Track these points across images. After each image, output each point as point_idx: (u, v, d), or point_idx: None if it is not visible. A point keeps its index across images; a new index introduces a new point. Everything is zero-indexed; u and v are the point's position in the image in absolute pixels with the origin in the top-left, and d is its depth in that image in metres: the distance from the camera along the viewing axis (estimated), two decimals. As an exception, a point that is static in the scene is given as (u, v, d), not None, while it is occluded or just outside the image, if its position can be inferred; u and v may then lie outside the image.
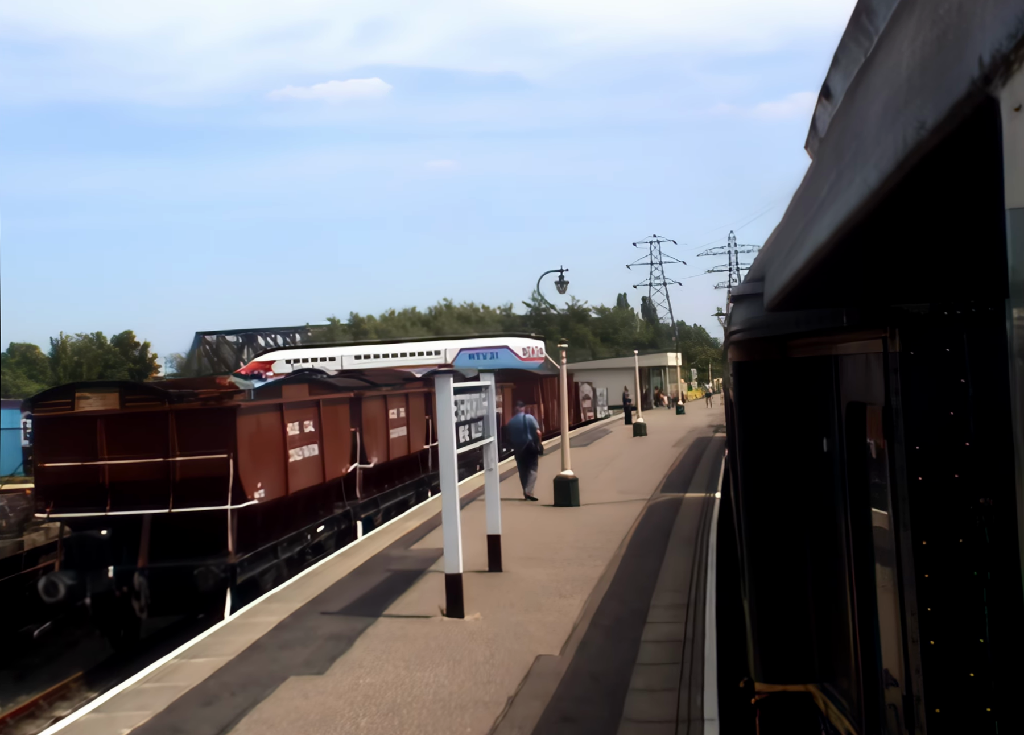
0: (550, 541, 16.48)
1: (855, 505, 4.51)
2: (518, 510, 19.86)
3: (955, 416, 3.54)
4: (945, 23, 1.23)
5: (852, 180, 1.68)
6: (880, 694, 4.30)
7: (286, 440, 17.20)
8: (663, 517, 18.68)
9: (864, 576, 4.45)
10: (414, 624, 11.47)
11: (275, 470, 16.82)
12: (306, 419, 18.29)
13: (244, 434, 15.67)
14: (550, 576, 13.66)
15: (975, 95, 1.14)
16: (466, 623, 11.38)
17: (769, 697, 5.56)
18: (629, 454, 33.21)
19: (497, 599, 12.42)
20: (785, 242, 3.07)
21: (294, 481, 17.51)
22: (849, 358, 4.48)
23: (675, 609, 11.68)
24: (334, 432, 19.76)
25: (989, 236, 1.96)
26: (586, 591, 12.72)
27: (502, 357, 53.89)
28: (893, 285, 3.24)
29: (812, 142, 2.72)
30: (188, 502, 15.26)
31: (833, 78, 2.11)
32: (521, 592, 12.81)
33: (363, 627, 11.44)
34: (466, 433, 12.79)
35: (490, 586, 13.14)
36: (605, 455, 32.73)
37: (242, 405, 15.90)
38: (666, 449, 34.02)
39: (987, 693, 3.49)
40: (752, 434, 5.77)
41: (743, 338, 5.70)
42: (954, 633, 3.53)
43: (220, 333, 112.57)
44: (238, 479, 15.33)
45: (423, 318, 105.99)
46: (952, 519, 3.54)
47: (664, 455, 31.65)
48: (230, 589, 15.10)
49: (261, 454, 16.26)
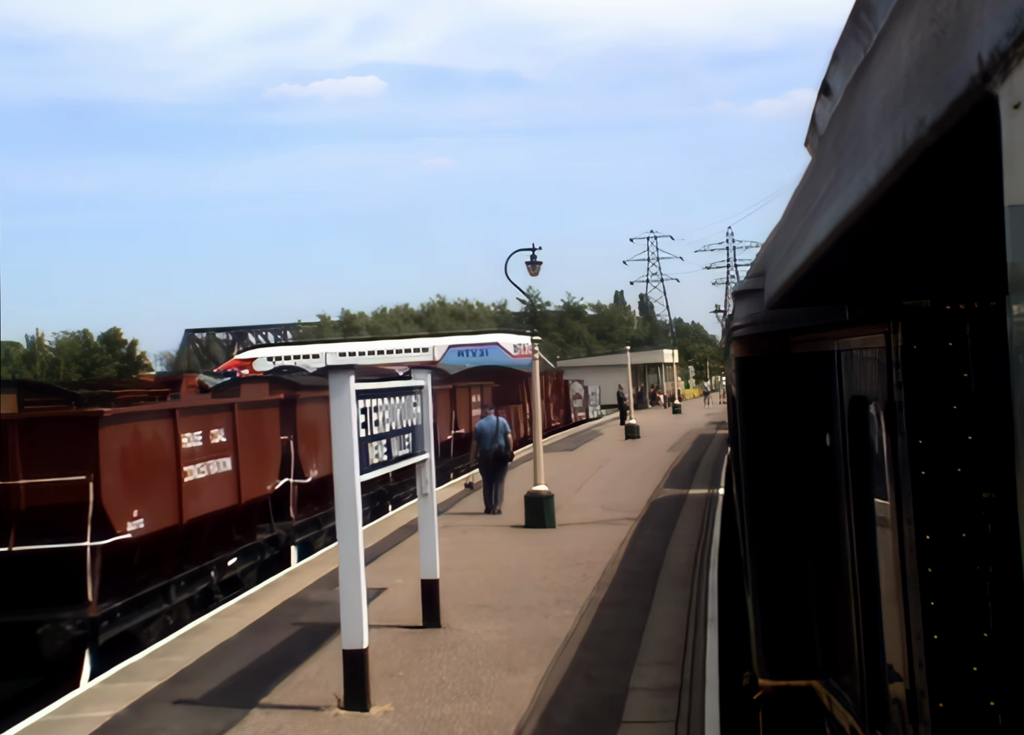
0: (511, 578, 13.44)
1: (858, 500, 4.51)
2: (480, 533, 17.19)
3: (958, 410, 3.54)
4: (944, 21, 1.23)
5: (852, 177, 1.68)
6: (883, 689, 4.31)
7: (180, 454, 13.91)
8: (653, 543, 15.69)
9: (867, 571, 4.46)
10: (298, 721, 8.38)
11: (162, 493, 13.55)
12: (213, 427, 14.99)
13: (111, 449, 12.42)
14: (502, 634, 10.67)
15: (974, 92, 1.14)
16: (369, 720, 8.35)
17: (772, 692, 5.56)
18: (619, 460, 30.24)
19: (423, 675, 9.41)
20: (785, 239, 3.07)
21: (192, 505, 14.19)
22: (851, 353, 4.48)
23: (662, 696, 8.70)
24: (255, 442, 16.35)
25: (989, 232, 1.96)
26: (545, 660, 9.69)
27: (492, 354, 53.28)
28: (892, 282, 3.24)
29: (812, 139, 2.72)
30: (35, 538, 11.95)
31: (833, 75, 2.11)
32: (459, 662, 9.80)
33: (223, 729, 8.31)
34: (382, 450, 9.63)
35: (419, 651, 10.18)
36: (592, 461, 29.74)
37: (106, 412, 12.52)
38: (660, 454, 31.11)
39: (990, 687, 3.50)
40: (755, 429, 5.77)
41: (745, 333, 5.70)
42: (957, 627, 3.53)
43: (210, 330, 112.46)
44: (101, 507, 12.08)
45: (415, 315, 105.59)
46: (955, 513, 3.54)
47: (658, 461, 28.87)
48: (90, 650, 11.93)
49: (139, 474, 13.03)
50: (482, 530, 17.55)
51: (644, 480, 24.13)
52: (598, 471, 26.92)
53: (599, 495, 21.67)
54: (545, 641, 10.30)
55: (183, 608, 14.08)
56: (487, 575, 13.63)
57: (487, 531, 17.45)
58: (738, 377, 5.98)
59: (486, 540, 16.55)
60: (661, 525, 17.39)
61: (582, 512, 19.14)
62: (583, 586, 12.76)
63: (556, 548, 15.51)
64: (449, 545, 15.10)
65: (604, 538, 16.16)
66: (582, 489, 22.79)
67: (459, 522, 18.41)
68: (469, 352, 53.70)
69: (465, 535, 16.90)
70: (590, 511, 19.28)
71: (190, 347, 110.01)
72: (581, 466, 28.23)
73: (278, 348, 56.68)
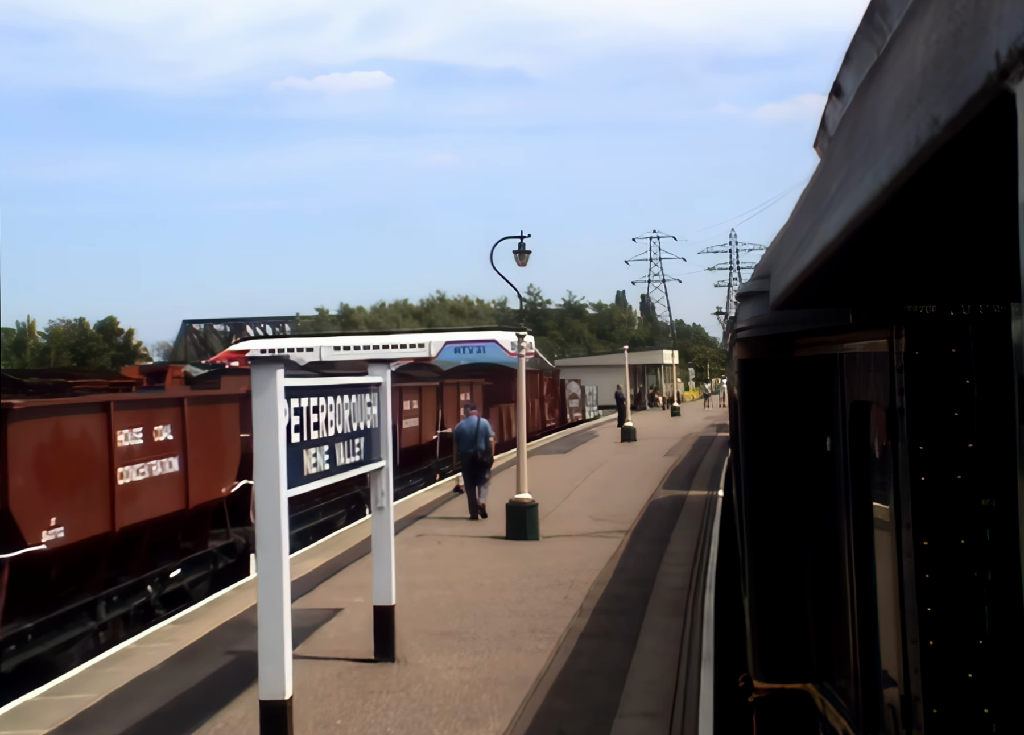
0: (483, 600, 12.04)
1: (857, 504, 4.51)
2: (456, 545, 15.91)
3: (959, 417, 3.54)
4: (961, 18, 1.23)
5: (862, 177, 1.68)
6: (878, 694, 4.31)
7: (113, 454, 12.39)
8: (644, 561, 14.25)
9: (864, 575, 4.46)
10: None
11: (89, 498, 12.07)
12: (157, 424, 13.45)
13: (23, 447, 10.94)
14: (464, 671, 9.27)
15: (991, 90, 1.14)
16: None
17: (767, 695, 5.56)
18: (613, 464, 28.76)
19: (364, 725, 7.95)
20: (792, 240, 3.06)
21: (128, 511, 12.62)
22: (855, 357, 4.48)
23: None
24: (209, 440, 14.74)
25: (999, 235, 1.96)
26: (511, 708, 8.25)
27: (490, 352, 52.04)
28: (899, 285, 3.24)
29: (821, 140, 2.72)
30: None
31: (845, 76, 2.11)
32: (409, 708, 8.31)
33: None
34: (322, 458, 8.20)
35: (365, 693, 8.75)
36: (585, 465, 28.35)
37: (16, 405, 10.89)
38: (657, 459, 29.65)
39: (985, 694, 3.50)
40: (756, 432, 5.77)
41: (749, 336, 5.70)
42: (953, 634, 3.53)
43: (208, 322, 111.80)
44: (8, 514, 10.65)
45: (415, 310, 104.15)
46: (954, 520, 3.54)
47: (654, 466, 27.49)
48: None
49: (59, 476, 11.52)
50: (459, 541, 16.18)
51: (638, 487, 22.66)
52: (590, 476, 25.53)
53: (589, 503, 20.35)
54: (513, 682, 8.93)
55: (117, 626, 12.59)
56: (457, 595, 12.35)
57: (464, 542, 16.07)
58: (740, 379, 5.98)
59: (462, 553, 15.27)
60: (654, 539, 16.04)
61: (569, 522, 17.79)
62: (563, 612, 11.43)
63: (537, 564, 14.18)
64: (421, 558, 14.56)
65: (591, 553, 14.81)
66: (571, 496, 21.48)
67: (436, 530, 17.46)
68: (466, 349, 52.69)
69: (440, 546, 15.84)
70: (578, 521, 17.95)
71: (187, 338, 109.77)
72: (573, 470, 26.93)
73: (271, 341, 55.79)
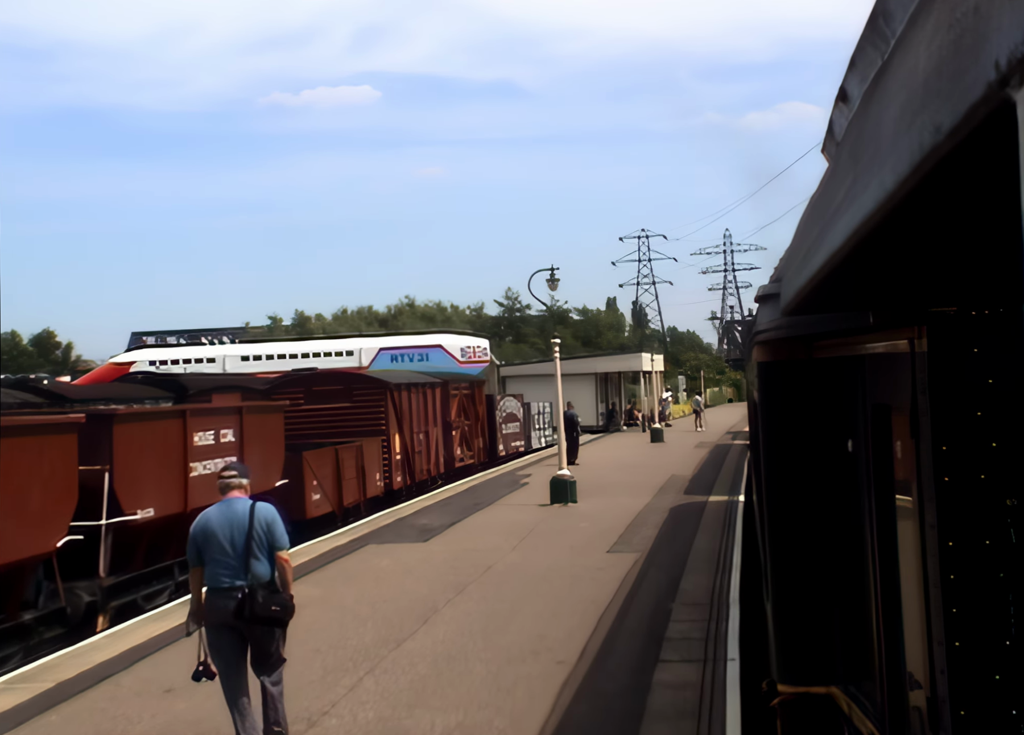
0: None
1: (880, 505, 4.49)
2: None
3: (982, 416, 3.52)
4: (962, 26, 1.23)
5: (869, 184, 1.67)
6: (904, 696, 4.28)
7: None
8: None
9: (888, 577, 4.43)
10: None
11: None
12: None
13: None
14: None
15: (992, 98, 1.14)
16: None
17: (791, 699, 5.54)
18: (512, 568, 13.50)
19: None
20: (802, 245, 3.06)
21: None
22: (876, 358, 4.46)
23: None
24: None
25: (1008, 238, 1.95)
26: None
27: (434, 359, 41.74)
28: (915, 287, 3.23)
29: (829, 146, 2.71)
30: None
31: (850, 81, 2.11)
32: None
33: None
34: None
35: None
36: (445, 577, 12.97)
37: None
38: (597, 555, 14.11)
39: (1013, 696, 3.47)
40: (777, 435, 5.75)
41: (769, 338, 5.68)
42: (980, 635, 3.51)
43: (159, 333, 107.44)
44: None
45: (381, 317, 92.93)
46: (978, 520, 3.52)
47: (596, 573, 12.85)
48: None
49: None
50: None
51: (517, 664, 8.94)
52: (427, 624, 10.53)
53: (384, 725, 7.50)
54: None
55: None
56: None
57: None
58: (760, 382, 5.97)
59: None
60: None
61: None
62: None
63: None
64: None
65: None
66: (339, 704, 8.03)
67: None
68: (405, 356, 43.30)
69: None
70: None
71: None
72: (409, 597, 11.91)
73: (166, 350, 46.80)
